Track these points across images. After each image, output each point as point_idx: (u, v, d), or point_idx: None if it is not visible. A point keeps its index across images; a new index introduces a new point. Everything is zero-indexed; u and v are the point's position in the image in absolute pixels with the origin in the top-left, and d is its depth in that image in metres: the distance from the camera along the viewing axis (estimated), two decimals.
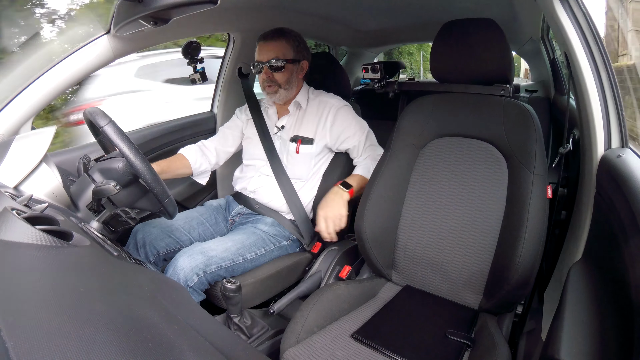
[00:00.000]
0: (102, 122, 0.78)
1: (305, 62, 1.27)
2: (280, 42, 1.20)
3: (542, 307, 0.92)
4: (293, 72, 1.24)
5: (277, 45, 1.20)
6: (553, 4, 0.83)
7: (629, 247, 0.59)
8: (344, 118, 1.27)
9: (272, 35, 1.21)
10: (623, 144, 0.84)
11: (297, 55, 1.24)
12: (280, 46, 1.20)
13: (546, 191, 0.92)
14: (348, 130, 1.27)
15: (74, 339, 0.30)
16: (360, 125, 1.29)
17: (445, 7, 1.57)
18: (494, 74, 1.05)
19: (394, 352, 0.82)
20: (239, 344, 0.56)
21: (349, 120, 1.27)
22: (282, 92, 1.24)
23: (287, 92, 1.25)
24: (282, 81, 1.22)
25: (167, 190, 0.82)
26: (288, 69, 1.22)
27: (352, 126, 1.27)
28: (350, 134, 1.27)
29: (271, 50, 1.20)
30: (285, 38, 1.21)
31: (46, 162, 0.79)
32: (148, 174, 0.78)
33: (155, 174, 0.79)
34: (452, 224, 1.05)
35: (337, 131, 1.27)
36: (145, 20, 0.86)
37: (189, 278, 1.00)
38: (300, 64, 1.26)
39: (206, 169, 1.35)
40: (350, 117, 1.28)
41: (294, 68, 1.24)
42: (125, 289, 0.46)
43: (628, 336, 0.52)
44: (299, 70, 1.26)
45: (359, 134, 1.28)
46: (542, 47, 2.03)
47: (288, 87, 1.24)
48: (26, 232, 0.45)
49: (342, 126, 1.27)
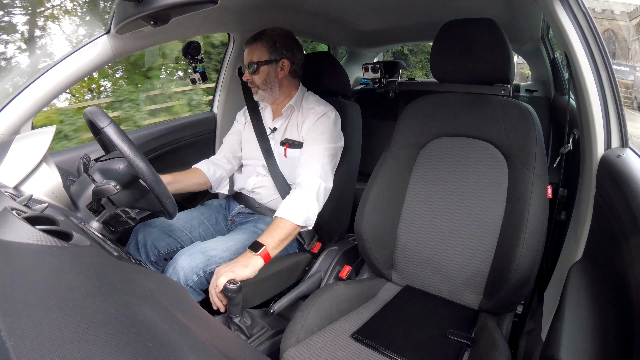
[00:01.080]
0: (103, 123, 0.78)
1: (285, 61, 1.24)
2: (256, 45, 1.22)
3: (542, 307, 0.92)
4: (269, 72, 1.23)
5: (253, 49, 1.22)
6: (553, 4, 0.83)
7: (629, 247, 0.59)
8: (318, 124, 1.22)
9: (251, 40, 1.23)
10: (623, 144, 0.84)
11: (273, 56, 1.23)
12: (255, 49, 1.22)
13: (546, 191, 0.92)
14: (311, 133, 1.21)
15: (74, 339, 0.30)
16: (327, 138, 1.19)
17: (445, 7, 1.57)
18: (494, 74, 1.05)
19: (394, 352, 0.82)
20: (239, 344, 0.56)
21: (320, 129, 1.21)
22: (261, 92, 1.25)
23: (267, 93, 1.25)
24: (259, 82, 1.23)
25: (167, 191, 0.82)
26: (263, 71, 1.22)
27: (319, 133, 1.20)
28: (310, 139, 1.21)
29: (249, 54, 1.23)
30: (261, 41, 1.22)
31: (46, 162, 0.79)
32: (149, 175, 0.78)
33: (156, 174, 0.79)
34: (452, 223, 1.04)
35: (305, 133, 1.24)
36: (145, 20, 0.85)
37: (189, 278, 1.00)
38: (278, 63, 1.24)
39: (222, 175, 1.35)
40: (323, 126, 1.21)
41: (270, 69, 1.23)
42: (125, 289, 0.46)
43: (628, 336, 0.52)
44: (277, 70, 1.24)
45: (318, 144, 1.18)
46: (542, 47, 2.02)
47: (266, 87, 1.24)
48: (26, 232, 0.45)
49: (310, 131, 1.22)
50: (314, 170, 1.14)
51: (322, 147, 1.18)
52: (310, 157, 1.17)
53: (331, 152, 1.19)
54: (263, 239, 1.02)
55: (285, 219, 1.06)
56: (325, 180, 1.15)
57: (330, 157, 1.18)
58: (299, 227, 1.09)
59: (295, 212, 1.07)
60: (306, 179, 1.13)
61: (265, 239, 1.02)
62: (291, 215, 1.06)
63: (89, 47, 1.07)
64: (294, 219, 1.06)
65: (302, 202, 1.09)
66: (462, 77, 1.09)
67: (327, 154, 1.17)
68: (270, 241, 1.02)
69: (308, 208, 1.09)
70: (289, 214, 1.06)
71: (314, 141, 1.19)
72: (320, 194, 1.14)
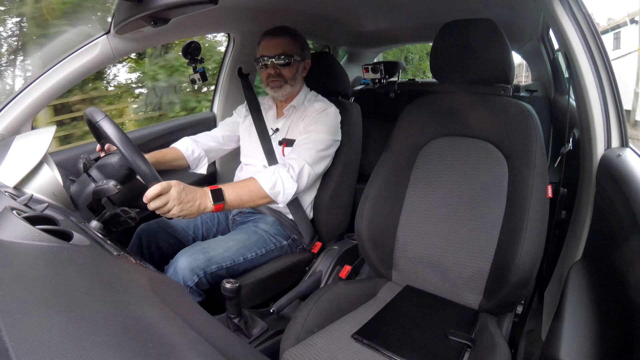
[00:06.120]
0: (97, 117, 0.79)
1: (308, 62, 1.29)
2: (287, 38, 1.22)
3: (542, 307, 0.92)
4: (298, 69, 1.25)
5: (284, 41, 1.21)
6: (553, 4, 0.83)
7: (628, 247, 0.59)
8: (317, 118, 1.22)
9: (279, 32, 1.22)
10: (623, 144, 0.84)
11: (302, 54, 1.25)
12: (287, 42, 1.21)
13: (546, 191, 0.92)
14: (309, 127, 1.21)
15: (74, 339, 0.30)
16: (323, 129, 1.19)
17: (445, 7, 1.57)
18: (493, 74, 1.05)
19: (395, 352, 0.82)
20: (239, 344, 0.56)
21: (318, 122, 1.20)
22: (287, 87, 1.24)
23: (292, 89, 1.26)
24: (289, 76, 1.23)
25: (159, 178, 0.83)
26: (295, 65, 1.23)
27: (316, 125, 1.20)
28: (307, 130, 1.20)
29: (279, 46, 1.20)
30: (291, 36, 1.23)
31: (46, 162, 0.79)
32: (142, 165, 0.79)
33: (149, 165, 0.80)
34: (452, 223, 1.04)
35: (303, 128, 1.22)
36: (145, 20, 0.86)
37: (189, 278, 1.00)
38: (304, 62, 1.27)
39: (200, 155, 1.31)
40: (321, 119, 1.21)
41: (299, 65, 1.25)
42: (125, 289, 0.46)
43: (628, 336, 0.52)
44: (302, 69, 1.27)
45: (312, 133, 1.18)
46: (542, 47, 2.02)
47: (293, 83, 1.25)
48: (26, 232, 0.45)
49: (308, 124, 1.22)
50: (301, 154, 1.15)
51: (315, 136, 1.18)
52: (301, 143, 1.18)
53: (325, 142, 1.18)
54: (227, 192, 0.99)
55: (257, 181, 1.05)
56: (312, 165, 1.15)
57: (322, 145, 1.18)
58: (267, 198, 1.07)
59: (270, 181, 1.06)
60: (293, 160, 1.13)
61: (228, 193, 0.99)
62: (264, 181, 1.06)
63: (89, 47, 1.07)
64: (264, 185, 1.05)
65: (280, 176, 1.09)
66: (462, 77, 1.09)
67: (319, 141, 1.17)
68: (232, 197, 1.00)
69: (284, 184, 1.09)
70: (262, 179, 1.06)
71: (310, 131, 1.19)
72: (304, 176, 1.13)
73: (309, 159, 1.14)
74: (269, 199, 1.08)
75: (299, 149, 1.17)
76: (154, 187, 0.83)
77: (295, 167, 1.12)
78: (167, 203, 0.86)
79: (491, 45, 1.00)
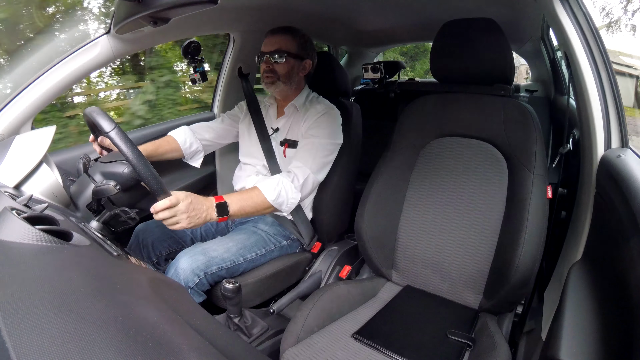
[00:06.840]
0: (107, 127, 0.76)
1: (308, 62, 1.27)
2: (286, 36, 1.22)
3: (542, 307, 0.92)
4: (294, 67, 1.24)
5: (282, 39, 1.21)
6: (553, 4, 0.83)
7: (629, 247, 0.59)
8: (319, 121, 1.21)
9: (280, 30, 1.23)
10: (623, 144, 0.84)
11: (300, 52, 1.24)
12: (285, 40, 1.21)
13: (546, 191, 0.92)
14: (310, 130, 1.20)
15: (74, 339, 0.30)
16: (325, 133, 1.18)
17: (445, 7, 1.57)
18: (494, 74, 1.05)
19: (395, 352, 0.82)
20: (239, 344, 0.56)
21: (319, 125, 1.20)
22: (279, 84, 1.23)
23: (286, 87, 1.25)
24: (282, 73, 1.22)
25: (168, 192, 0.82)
26: (289, 63, 1.22)
27: (317, 129, 1.19)
28: (309, 134, 1.19)
29: (276, 43, 1.21)
30: (291, 34, 1.23)
31: (46, 162, 0.79)
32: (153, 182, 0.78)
33: (159, 179, 0.79)
34: (452, 223, 1.05)
35: (304, 130, 1.22)
36: (145, 20, 0.86)
37: (190, 279, 1.01)
38: (303, 61, 1.26)
39: (197, 149, 1.30)
40: (323, 122, 1.20)
41: (296, 63, 1.24)
42: (125, 289, 0.46)
43: (628, 336, 0.52)
44: (300, 68, 1.26)
45: (315, 138, 1.17)
46: (542, 47, 2.02)
47: (287, 81, 1.24)
48: (26, 232, 0.45)
49: (310, 128, 1.22)
50: (306, 162, 1.14)
51: (318, 141, 1.17)
52: (305, 149, 1.17)
53: (327, 147, 1.19)
54: (232, 206, 0.98)
55: (261, 191, 1.05)
56: (316, 172, 1.15)
57: (326, 151, 1.18)
58: (271, 207, 1.07)
59: (274, 191, 1.06)
60: (296, 168, 1.13)
61: (232, 207, 0.99)
62: (268, 191, 1.05)
63: (89, 47, 1.07)
64: (268, 196, 1.05)
65: (284, 186, 1.08)
66: (462, 77, 1.09)
67: (323, 148, 1.17)
68: (236, 209, 1.00)
69: (288, 194, 1.09)
70: (266, 189, 1.06)
71: (312, 135, 1.19)
72: (308, 185, 1.14)
73: (314, 167, 1.14)
74: (273, 208, 1.09)
75: (303, 155, 1.16)
76: (163, 202, 0.83)
77: (300, 177, 1.12)
78: (175, 216, 0.87)
79: (491, 45, 1.00)
